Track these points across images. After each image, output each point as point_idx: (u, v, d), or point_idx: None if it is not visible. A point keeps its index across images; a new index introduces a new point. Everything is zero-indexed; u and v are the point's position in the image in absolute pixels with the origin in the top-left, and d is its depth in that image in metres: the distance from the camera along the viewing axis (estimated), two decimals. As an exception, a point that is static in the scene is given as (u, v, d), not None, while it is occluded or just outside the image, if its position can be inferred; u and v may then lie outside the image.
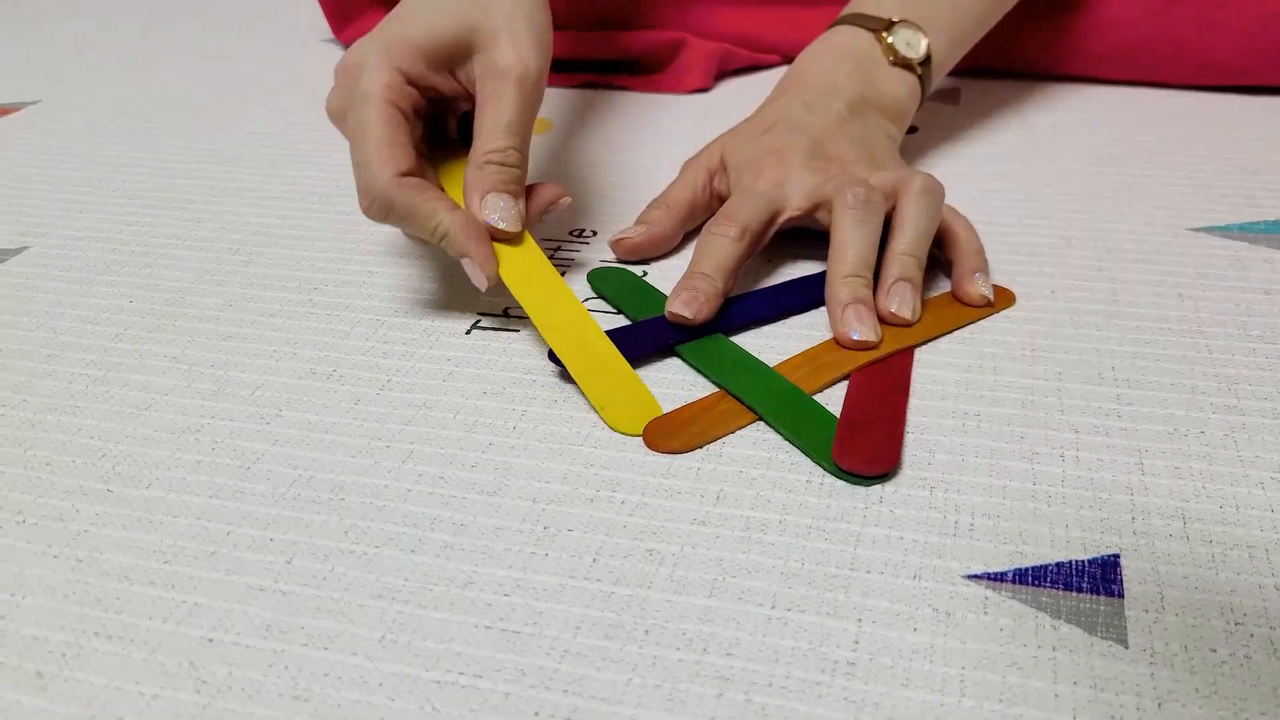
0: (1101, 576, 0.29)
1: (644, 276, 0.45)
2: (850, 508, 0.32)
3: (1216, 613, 0.28)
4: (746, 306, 0.42)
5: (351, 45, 0.41)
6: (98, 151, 0.62)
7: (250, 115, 0.68)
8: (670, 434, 0.35)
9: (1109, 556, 0.29)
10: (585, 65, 0.71)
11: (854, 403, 0.36)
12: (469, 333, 0.41)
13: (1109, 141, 0.58)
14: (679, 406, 0.36)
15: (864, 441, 0.34)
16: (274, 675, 0.27)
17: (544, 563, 0.30)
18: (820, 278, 0.42)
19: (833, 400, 0.36)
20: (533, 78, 0.41)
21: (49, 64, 0.80)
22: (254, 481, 0.34)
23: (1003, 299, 0.42)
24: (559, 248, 0.48)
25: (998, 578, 0.29)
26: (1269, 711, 0.25)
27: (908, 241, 0.41)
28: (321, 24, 0.84)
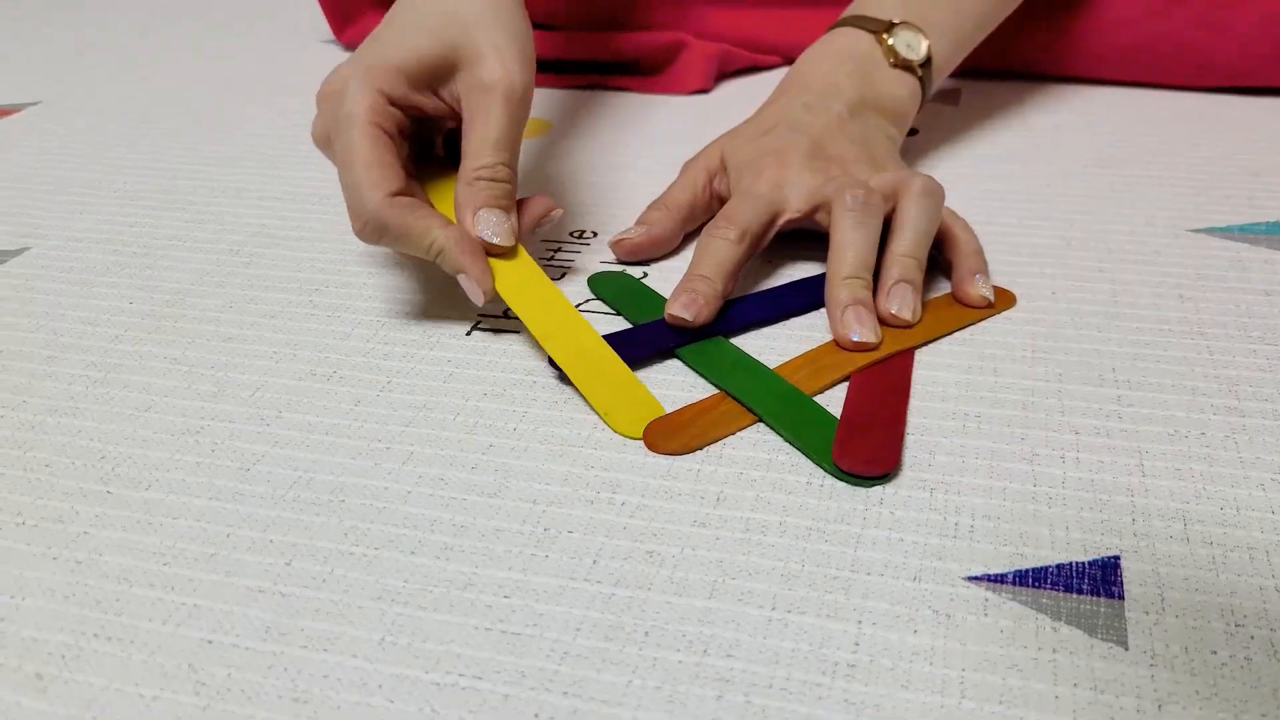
0: (1102, 578, 0.29)
1: (644, 278, 0.45)
2: (850, 509, 0.32)
3: (1217, 614, 0.27)
4: (746, 308, 0.42)
5: (332, 70, 0.41)
6: (98, 153, 0.62)
7: (251, 116, 0.68)
8: (670, 435, 0.35)
9: (1109, 558, 0.29)
10: (586, 66, 0.71)
11: (854, 404, 0.36)
12: (469, 334, 0.41)
13: (1109, 143, 0.58)
14: (679, 408, 0.36)
15: (864, 442, 0.34)
16: (273, 677, 0.27)
17: (544, 564, 0.30)
18: (820, 279, 0.42)
19: (833, 402, 0.36)
20: (519, 92, 0.41)
21: (49, 65, 0.80)
22: (254, 483, 0.34)
23: (1003, 300, 0.42)
24: (559, 249, 0.48)
25: (998, 579, 0.29)
26: (1269, 713, 0.25)
27: (907, 243, 0.41)
28: (322, 25, 0.84)
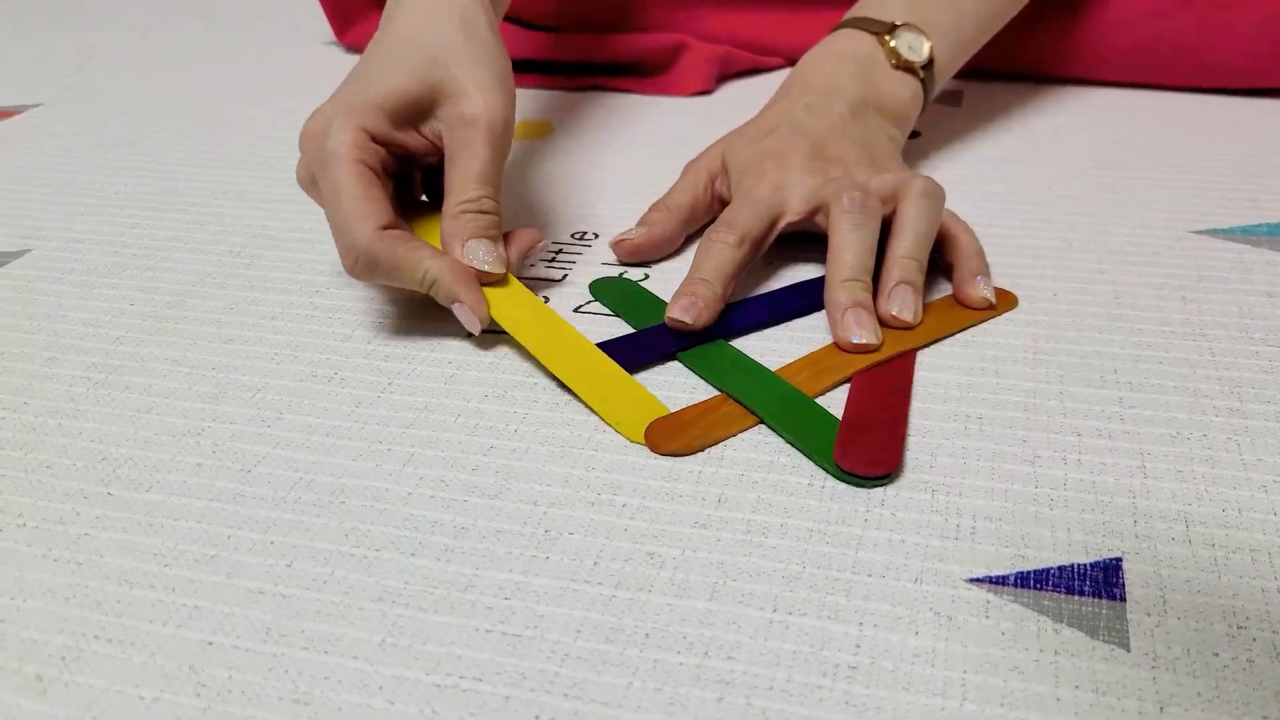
0: (1103, 580, 0.29)
1: (645, 280, 0.45)
2: (852, 511, 0.32)
3: (1219, 616, 0.27)
4: (747, 312, 0.42)
5: (312, 112, 0.41)
6: (99, 154, 0.62)
7: (251, 117, 0.68)
8: (672, 435, 0.35)
9: (1111, 560, 0.29)
10: (587, 68, 0.71)
11: (856, 405, 0.36)
12: (470, 336, 0.41)
13: (1111, 144, 0.58)
14: (682, 408, 0.36)
15: (866, 443, 0.34)
16: (274, 679, 0.27)
17: (545, 566, 0.30)
18: (821, 282, 0.42)
19: (834, 403, 0.36)
20: (500, 125, 0.41)
21: (50, 67, 0.81)
22: (255, 485, 0.34)
23: (1004, 302, 0.42)
24: (560, 250, 0.48)
25: (999, 581, 0.29)
26: (1271, 715, 0.25)
27: (908, 245, 0.41)
28: (322, 26, 0.85)
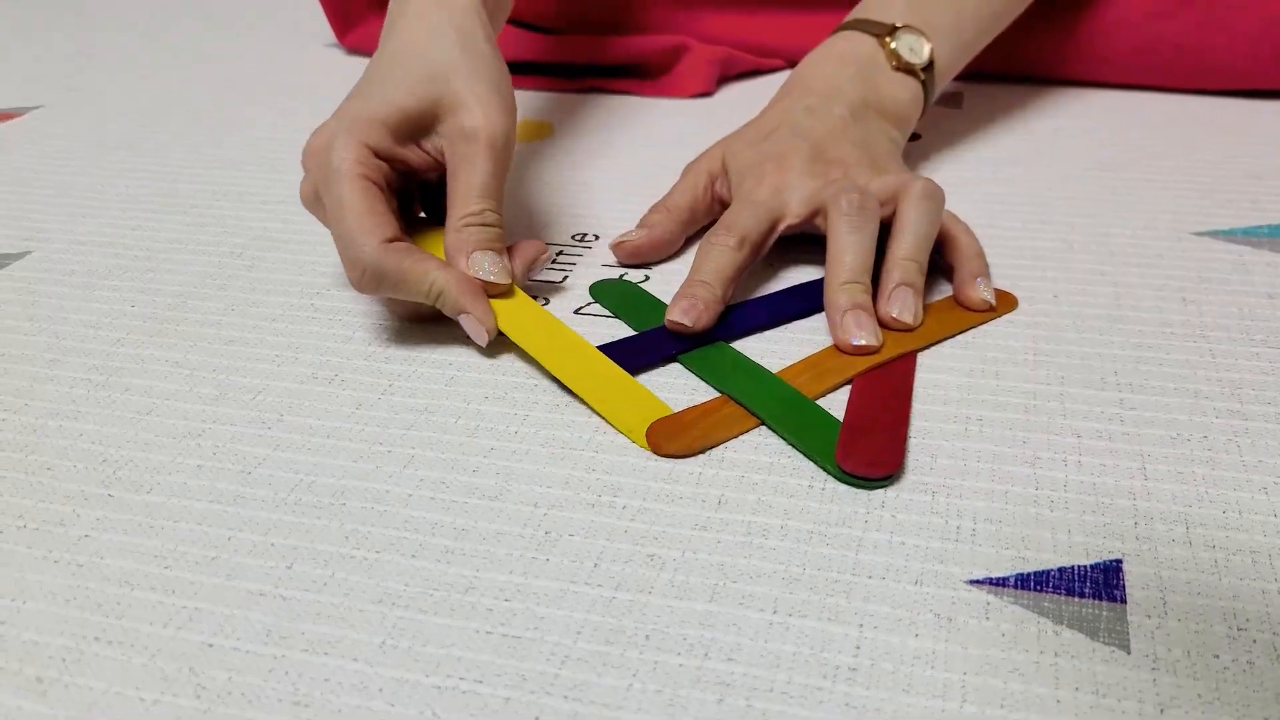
0: (1104, 582, 0.29)
1: (645, 281, 0.45)
2: (852, 513, 0.32)
3: (1219, 618, 0.27)
4: (747, 314, 0.42)
5: (315, 129, 0.41)
6: (100, 156, 0.62)
7: (252, 118, 0.68)
8: (673, 435, 0.35)
9: (1111, 561, 0.29)
10: (588, 69, 0.71)
11: (857, 407, 0.36)
12: (470, 339, 0.41)
13: (1111, 146, 0.58)
14: (683, 409, 0.36)
15: (867, 444, 0.34)
16: (274, 680, 0.27)
17: (545, 568, 0.30)
18: (820, 284, 0.42)
19: (836, 405, 0.36)
20: (501, 139, 0.41)
21: (51, 69, 0.81)
22: (255, 486, 0.34)
23: (1005, 303, 0.42)
24: (561, 252, 0.48)
25: (999, 583, 0.29)
26: (1272, 717, 0.25)
27: (908, 246, 0.41)
28: (323, 27, 0.85)
